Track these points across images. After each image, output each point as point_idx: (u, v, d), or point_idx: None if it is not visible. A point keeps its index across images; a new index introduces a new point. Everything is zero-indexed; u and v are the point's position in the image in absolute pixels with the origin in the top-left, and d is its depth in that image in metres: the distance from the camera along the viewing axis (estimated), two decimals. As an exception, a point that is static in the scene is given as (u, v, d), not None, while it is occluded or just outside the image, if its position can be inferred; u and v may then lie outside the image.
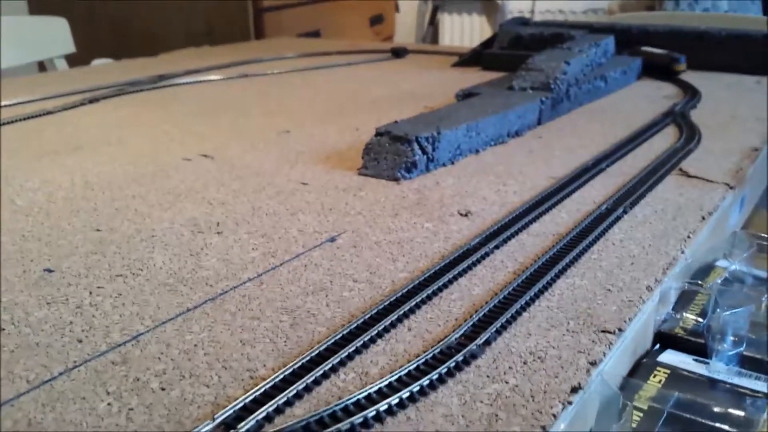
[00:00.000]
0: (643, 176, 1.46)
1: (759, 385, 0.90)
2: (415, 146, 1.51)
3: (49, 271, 1.02)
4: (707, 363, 0.96)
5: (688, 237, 1.16)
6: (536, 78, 2.06)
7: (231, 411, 0.69)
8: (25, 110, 2.17)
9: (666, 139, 1.82)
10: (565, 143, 1.77)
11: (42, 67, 3.74)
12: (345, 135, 1.88)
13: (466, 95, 2.03)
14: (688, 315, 1.04)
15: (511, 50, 2.90)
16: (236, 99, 2.45)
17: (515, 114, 1.82)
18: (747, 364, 0.96)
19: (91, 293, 0.96)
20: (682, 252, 1.11)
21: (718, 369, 0.95)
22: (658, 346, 1.02)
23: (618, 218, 1.23)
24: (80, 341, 0.83)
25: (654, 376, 0.91)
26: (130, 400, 0.72)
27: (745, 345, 0.98)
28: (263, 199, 1.35)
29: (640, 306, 0.93)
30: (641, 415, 0.82)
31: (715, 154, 1.66)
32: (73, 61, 3.78)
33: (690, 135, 1.81)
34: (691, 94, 2.39)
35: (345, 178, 1.49)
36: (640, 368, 0.94)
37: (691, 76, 2.71)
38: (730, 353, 0.97)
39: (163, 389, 0.74)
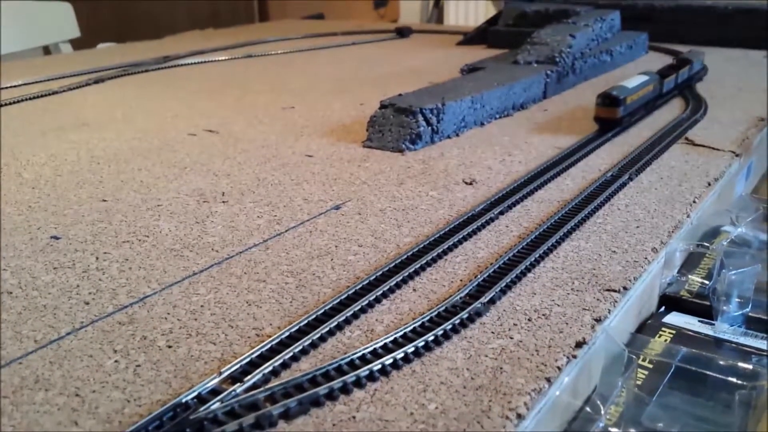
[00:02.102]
0: (648, 145, 1.45)
1: (764, 345, 0.90)
2: (420, 118, 1.51)
3: (56, 238, 1.03)
4: (712, 324, 0.96)
5: (694, 202, 1.16)
6: (541, 52, 2.05)
7: (237, 366, 0.69)
8: (31, 90, 2.18)
9: (672, 110, 1.81)
10: (571, 115, 1.77)
11: (47, 51, 3.74)
12: (349, 110, 1.88)
13: (471, 69, 2.03)
14: (693, 277, 1.04)
15: (517, 27, 2.88)
16: (241, 78, 2.44)
17: (520, 87, 1.81)
18: (752, 324, 0.96)
19: (97, 258, 0.96)
20: (688, 216, 1.11)
21: (724, 330, 0.95)
22: (663, 308, 1.02)
23: (623, 184, 1.23)
24: (87, 303, 0.84)
25: (659, 336, 0.91)
26: (137, 357, 0.73)
27: (750, 306, 0.98)
28: (268, 171, 1.35)
29: (645, 266, 0.93)
30: (647, 371, 0.82)
31: (722, 124, 1.65)
32: (77, 45, 3.78)
33: (696, 106, 1.80)
34: (698, 67, 2.37)
35: (349, 150, 1.49)
36: (645, 329, 0.94)
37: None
38: (736, 314, 0.97)
39: (170, 347, 0.74)
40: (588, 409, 0.72)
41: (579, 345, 0.74)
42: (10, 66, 2.83)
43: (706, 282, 1.03)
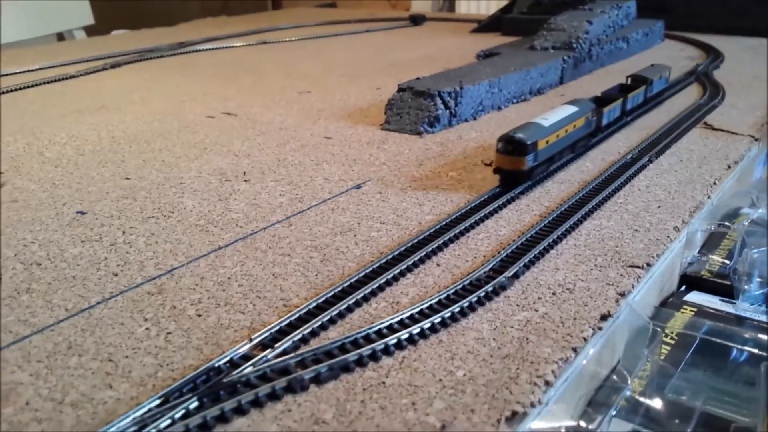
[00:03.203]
0: (667, 129, 1.45)
1: (786, 323, 0.90)
2: (438, 101, 1.51)
3: (82, 213, 1.04)
4: (733, 303, 0.96)
5: (714, 183, 1.16)
6: (558, 37, 2.05)
7: (267, 333, 0.70)
8: (48, 74, 2.19)
9: (690, 96, 1.81)
10: (588, 101, 1.77)
11: (61, 38, 3.76)
12: (365, 94, 1.88)
13: (487, 55, 2.03)
14: (714, 257, 1.04)
15: (531, 15, 2.87)
16: (256, 63, 2.45)
17: (537, 72, 1.81)
18: (773, 303, 0.96)
19: (124, 233, 0.97)
20: (708, 197, 1.11)
21: (744, 308, 0.95)
22: (683, 287, 1.02)
23: (643, 166, 1.23)
24: (116, 275, 0.85)
25: (681, 313, 0.91)
26: (167, 325, 0.74)
27: (771, 285, 0.98)
28: (288, 152, 1.36)
29: (667, 244, 0.93)
30: (670, 346, 0.82)
31: (740, 109, 1.64)
32: (90, 33, 3.79)
33: (714, 92, 1.80)
34: (714, 55, 2.36)
35: (368, 133, 1.50)
36: (667, 307, 0.95)
37: (713, 39, 2.69)
38: (756, 293, 0.97)
39: (199, 315, 0.75)
40: (615, 377, 0.72)
41: (604, 318, 0.75)
42: (26, 51, 2.85)
43: (727, 262, 1.03)
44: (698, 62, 2.25)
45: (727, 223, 1.11)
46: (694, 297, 0.97)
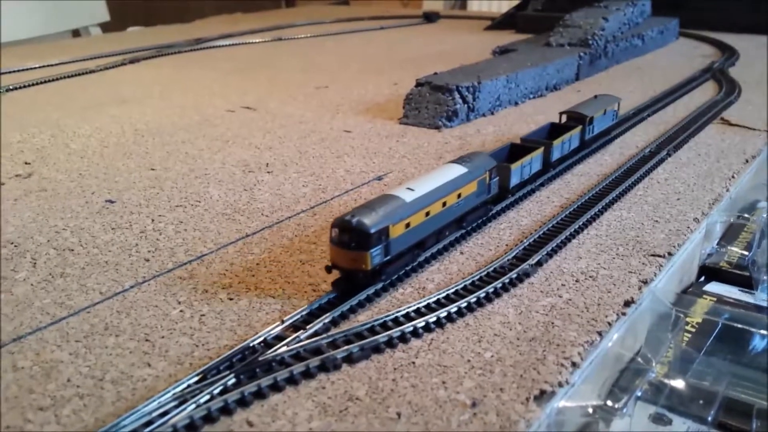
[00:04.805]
0: (684, 124, 1.46)
1: (805, 314, 0.91)
2: (456, 95, 1.52)
3: (111, 201, 1.06)
4: (752, 293, 0.98)
5: (733, 177, 1.17)
6: (574, 34, 2.06)
7: (299, 315, 0.72)
8: (68, 69, 2.22)
9: (706, 93, 1.82)
10: (604, 96, 1.78)
11: (76, 35, 3.79)
12: (383, 89, 1.90)
13: (503, 51, 2.04)
14: (733, 248, 1.05)
15: (546, 12, 2.88)
16: (272, 59, 2.47)
17: (554, 68, 1.82)
18: (792, 295, 0.97)
19: (153, 221, 0.99)
20: (727, 190, 1.12)
21: (763, 299, 0.96)
22: (703, 278, 1.03)
23: (662, 160, 1.24)
24: (147, 260, 0.87)
25: (703, 300, 0.93)
26: (201, 307, 0.76)
27: (790, 277, 0.99)
28: (308, 144, 1.38)
29: (688, 234, 0.94)
30: (691, 334, 0.84)
31: (756, 105, 1.65)
32: (106, 30, 3.82)
33: (730, 89, 1.80)
34: (729, 52, 2.37)
35: (387, 127, 1.51)
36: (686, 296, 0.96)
37: (728, 37, 2.69)
38: (776, 284, 0.98)
39: (231, 299, 0.77)
40: (639, 360, 0.74)
41: (627, 304, 0.76)
42: (43, 47, 2.88)
43: (746, 253, 1.05)
44: (713, 60, 2.26)
45: (746, 215, 1.12)
46: (714, 287, 0.99)
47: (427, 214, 0.81)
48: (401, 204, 0.78)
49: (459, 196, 0.87)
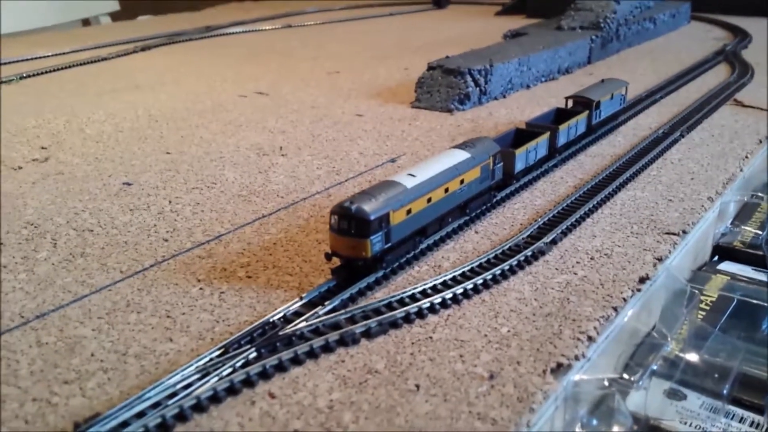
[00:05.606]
0: (698, 105, 1.46)
1: (819, 291, 0.91)
2: (468, 78, 1.53)
3: (128, 184, 1.07)
4: (766, 272, 0.98)
5: (746, 157, 1.17)
6: (586, 17, 2.05)
7: (317, 292, 0.73)
8: (81, 57, 2.23)
9: (718, 75, 1.81)
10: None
11: (86, 24, 3.81)
12: (394, 74, 1.90)
13: (514, 35, 2.04)
14: (746, 228, 1.06)
15: (556, -3, 2.87)
16: (283, 46, 2.47)
17: (566, 51, 1.82)
18: (806, 273, 0.97)
19: (170, 202, 1.00)
20: (741, 170, 1.12)
21: (777, 278, 0.96)
22: (716, 258, 1.04)
23: (675, 141, 1.24)
24: (166, 240, 0.88)
25: (717, 276, 0.93)
26: (220, 285, 0.77)
27: (805, 255, 0.99)
28: (321, 128, 1.38)
29: (702, 213, 0.95)
30: (705, 312, 0.84)
31: (770, 87, 1.65)
32: (116, 19, 3.83)
33: (743, 71, 1.79)
34: (742, 35, 2.35)
35: (399, 110, 1.52)
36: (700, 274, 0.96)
37: (741, 20, 2.67)
38: (790, 263, 0.98)
39: (249, 277, 0.78)
40: (655, 334, 0.74)
41: (642, 280, 0.77)
42: (55, 36, 2.89)
43: (760, 232, 1.05)
44: (726, 42, 2.24)
45: (759, 194, 1.12)
46: (727, 266, 0.99)
47: (429, 200, 0.80)
48: (402, 190, 0.76)
49: (462, 182, 0.86)
